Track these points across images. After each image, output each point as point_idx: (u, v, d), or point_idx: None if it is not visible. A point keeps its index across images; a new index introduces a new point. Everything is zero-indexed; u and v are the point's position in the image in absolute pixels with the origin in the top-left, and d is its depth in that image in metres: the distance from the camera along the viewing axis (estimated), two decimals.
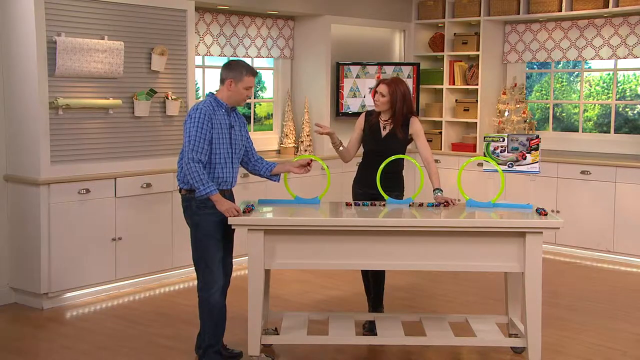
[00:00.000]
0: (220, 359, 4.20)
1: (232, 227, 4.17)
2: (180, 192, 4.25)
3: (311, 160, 4.54)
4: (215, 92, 4.23)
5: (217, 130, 4.11)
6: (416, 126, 4.86)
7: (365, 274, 5.01)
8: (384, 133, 4.85)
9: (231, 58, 7.09)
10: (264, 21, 7.26)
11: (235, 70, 4.17)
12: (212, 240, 4.14)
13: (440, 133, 8.20)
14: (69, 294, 5.55)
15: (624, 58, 7.34)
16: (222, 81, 4.21)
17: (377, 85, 4.85)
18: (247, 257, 4.19)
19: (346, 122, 7.86)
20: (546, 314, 4.65)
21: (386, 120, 4.85)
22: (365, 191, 4.82)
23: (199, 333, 4.34)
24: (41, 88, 5.29)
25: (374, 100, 4.88)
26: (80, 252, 5.54)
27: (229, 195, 4.23)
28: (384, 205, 4.56)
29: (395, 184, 4.83)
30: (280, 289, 5.83)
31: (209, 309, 4.16)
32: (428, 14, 8.21)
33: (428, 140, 8.21)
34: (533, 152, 4.66)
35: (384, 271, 4.94)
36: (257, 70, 4.27)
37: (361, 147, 5.05)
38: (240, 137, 4.27)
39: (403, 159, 4.78)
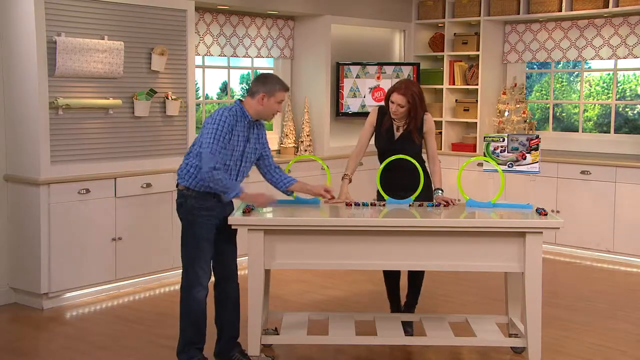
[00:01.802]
0: (202, 356, 4.17)
1: (233, 227, 4.17)
2: (177, 186, 4.21)
3: (333, 195, 4.49)
4: (242, 100, 4.17)
5: (234, 141, 4.08)
6: (430, 123, 4.77)
7: (388, 275, 4.93)
8: (397, 134, 4.75)
9: (231, 58, 7.13)
10: (264, 21, 7.26)
11: (268, 84, 4.13)
12: (203, 242, 4.09)
13: (440, 133, 8.19)
14: (69, 294, 5.55)
15: (624, 58, 7.34)
16: (252, 94, 4.14)
17: (390, 94, 4.66)
18: (247, 257, 4.19)
19: (346, 122, 7.87)
20: (546, 314, 4.65)
21: (401, 123, 4.73)
22: (391, 195, 4.61)
23: (218, 339, 4.32)
24: (41, 88, 5.29)
25: (389, 110, 4.67)
26: (80, 252, 5.54)
27: (228, 204, 4.18)
28: (384, 205, 4.56)
29: (419, 182, 4.65)
30: (280, 289, 5.83)
31: (187, 309, 4.13)
32: (428, 14, 8.21)
33: None
34: (533, 152, 4.66)
35: (422, 271, 4.88)
36: (288, 85, 4.26)
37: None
38: (254, 150, 4.23)
39: (420, 152, 4.72)
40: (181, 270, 4.21)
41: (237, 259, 4.33)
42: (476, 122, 8.00)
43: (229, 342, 4.30)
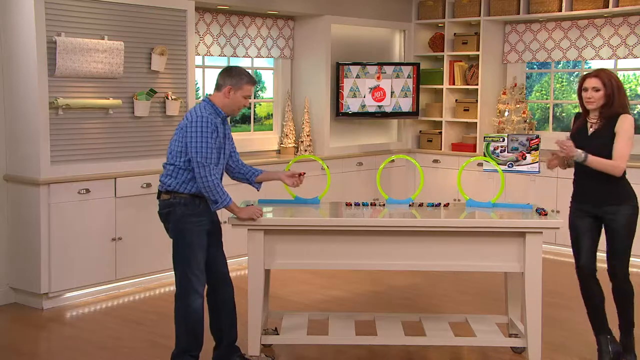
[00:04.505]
0: None
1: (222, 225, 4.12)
2: (159, 197, 4.07)
3: (304, 173, 4.40)
4: (209, 96, 4.07)
5: (220, 139, 3.98)
6: (624, 123, 4.17)
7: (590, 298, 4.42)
8: (590, 131, 4.32)
9: (231, 58, 7.13)
10: (264, 21, 7.26)
11: (235, 77, 4.01)
12: (196, 250, 4.01)
13: (440, 133, 8.20)
14: (69, 294, 5.55)
15: (624, 58, 7.34)
16: (218, 87, 4.04)
17: (582, 81, 4.25)
18: (247, 257, 4.19)
19: (346, 122, 7.86)
20: (546, 314, 4.64)
21: (594, 119, 4.29)
22: (579, 207, 4.32)
23: (216, 346, 4.27)
24: (41, 88, 5.29)
25: (584, 100, 4.25)
26: (80, 252, 5.54)
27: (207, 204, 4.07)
28: (383, 205, 4.56)
29: (614, 195, 4.23)
30: (280, 289, 5.83)
31: (185, 317, 4.03)
32: (428, 14, 8.21)
33: (428, 141, 8.30)
34: (533, 152, 4.66)
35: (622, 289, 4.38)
36: (257, 79, 4.15)
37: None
38: (229, 147, 4.15)
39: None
40: (174, 279, 4.12)
41: (237, 259, 4.31)
42: (476, 122, 8.00)
43: (228, 346, 4.26)
